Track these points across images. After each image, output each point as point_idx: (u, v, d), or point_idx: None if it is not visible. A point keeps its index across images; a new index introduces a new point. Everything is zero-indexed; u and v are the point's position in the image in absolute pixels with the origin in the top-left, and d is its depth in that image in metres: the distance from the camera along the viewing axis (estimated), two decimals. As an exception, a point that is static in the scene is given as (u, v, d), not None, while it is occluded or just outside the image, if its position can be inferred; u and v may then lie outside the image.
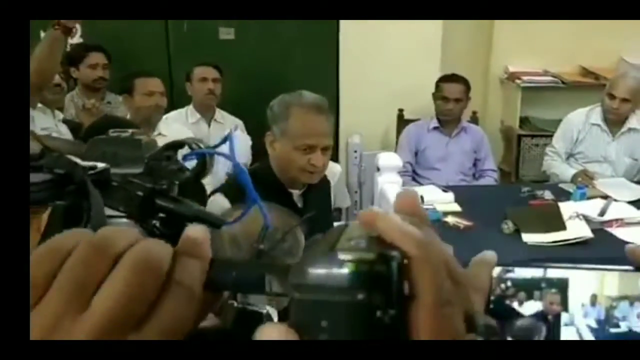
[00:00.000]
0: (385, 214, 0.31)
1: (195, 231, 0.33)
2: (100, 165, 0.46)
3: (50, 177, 0.44)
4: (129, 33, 3.45)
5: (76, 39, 3.54)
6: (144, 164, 0.49)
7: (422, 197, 2.79)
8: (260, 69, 3.65)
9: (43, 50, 2.21)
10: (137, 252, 0.30)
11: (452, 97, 3.33)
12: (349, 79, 3.71)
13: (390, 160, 2.71)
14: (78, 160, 0.45)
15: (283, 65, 3.66)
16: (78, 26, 3.65)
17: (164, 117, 3.01)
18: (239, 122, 3.45)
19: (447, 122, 3.39)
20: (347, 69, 3.70)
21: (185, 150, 0.53)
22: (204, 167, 0.51)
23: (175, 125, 3.04)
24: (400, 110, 3.70)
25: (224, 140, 0.53)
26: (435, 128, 3.40)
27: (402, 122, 3.69)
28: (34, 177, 0.43)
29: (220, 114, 3.39)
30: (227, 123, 3.39)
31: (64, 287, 0.30)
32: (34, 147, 0.48)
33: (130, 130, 0.52)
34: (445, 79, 3.39)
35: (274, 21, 3.59)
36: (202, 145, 0.52)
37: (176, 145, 0.52)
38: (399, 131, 3.69)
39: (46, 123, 2.32)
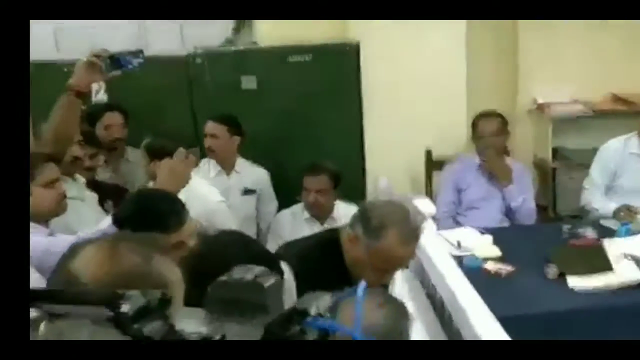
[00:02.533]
0: None
1: None
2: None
3: None
4: (151, 86, 3.46)
5: (101, 96, 3.54)
6: (265, 330, 0.50)
7: (458, 243, 2.70)
8: (282, 116, 3.62)
9: (57, 117, 2.13)
10: None
11: (487, 132, 3.27)
12: (373, 121, 3.65)
13: (423, 206, 2.62)
14: None
15: (305, 111, 3.62)
16: (102, 83, 3.68)
17: None
18: (264, 172, 3.40)
19: None
20: (371, 111, 3.65)
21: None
22: (326, 335, 0.56)
23: (195, 179, 2.99)
24: (428, 151, 3.63)
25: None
26: (478, 166, 3.33)
27: (431, 162, 3.62)
28: None
29: (241, 163, 3.36)
30: (246, 172, 3.35)
31: None
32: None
33: (254, 271, 0.53)
34: (478, 116, 3.34)
35: (296, 67, 3.58)
36: (323, 314, 0.55)
37: (300, 313, 0.54)
38: (427, 172, 3.62)
39: (69, 192, 2.25)
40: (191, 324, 0.52)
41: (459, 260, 2.52)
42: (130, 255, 1.00)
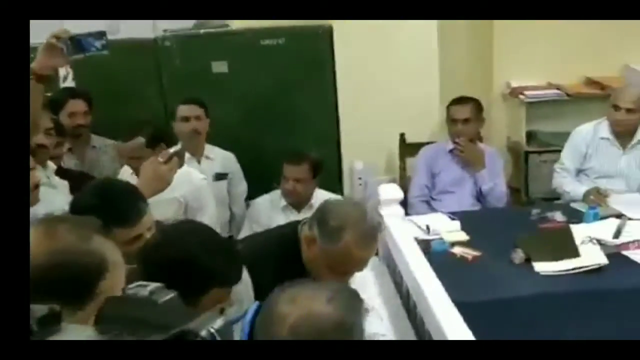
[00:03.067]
0: None
1: None
2: None
3: None
4: (120, 70, 3.39)
5: (69, 82, 3.47)
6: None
7: (427, 227, 2.70)
8: (255, 100, 3.58)
9: None
10: None
11: (459, 118, 3.26)
12: (348, 104, 3.62)
13: (391, 192, 2.62)
14: None
15: (279, 95, 3.58)
16: (69, 69, 3.60)
17: None
18: (231, 156, 3.37)
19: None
20: (346, 94, 3.62)
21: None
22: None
23: None
24: (402, 135, 3.62)
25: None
26: (450, 150, 3.33)
27: (405, 146, 3.61)
28: None
29: (209, 149, 3.32)
30: (218, 158, 3.32)
31: None
32: None
33: (148, 287, 0.51)
34: (453, 101, 3.33)
35: (268, 50, 3.53)
36: (214, 335, 0.53)
37: (190, 334, 0.52)
38: (401, 156, 3.61)
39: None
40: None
41: (428, 244, 2.52)
42: (67, 234, 1.03)
